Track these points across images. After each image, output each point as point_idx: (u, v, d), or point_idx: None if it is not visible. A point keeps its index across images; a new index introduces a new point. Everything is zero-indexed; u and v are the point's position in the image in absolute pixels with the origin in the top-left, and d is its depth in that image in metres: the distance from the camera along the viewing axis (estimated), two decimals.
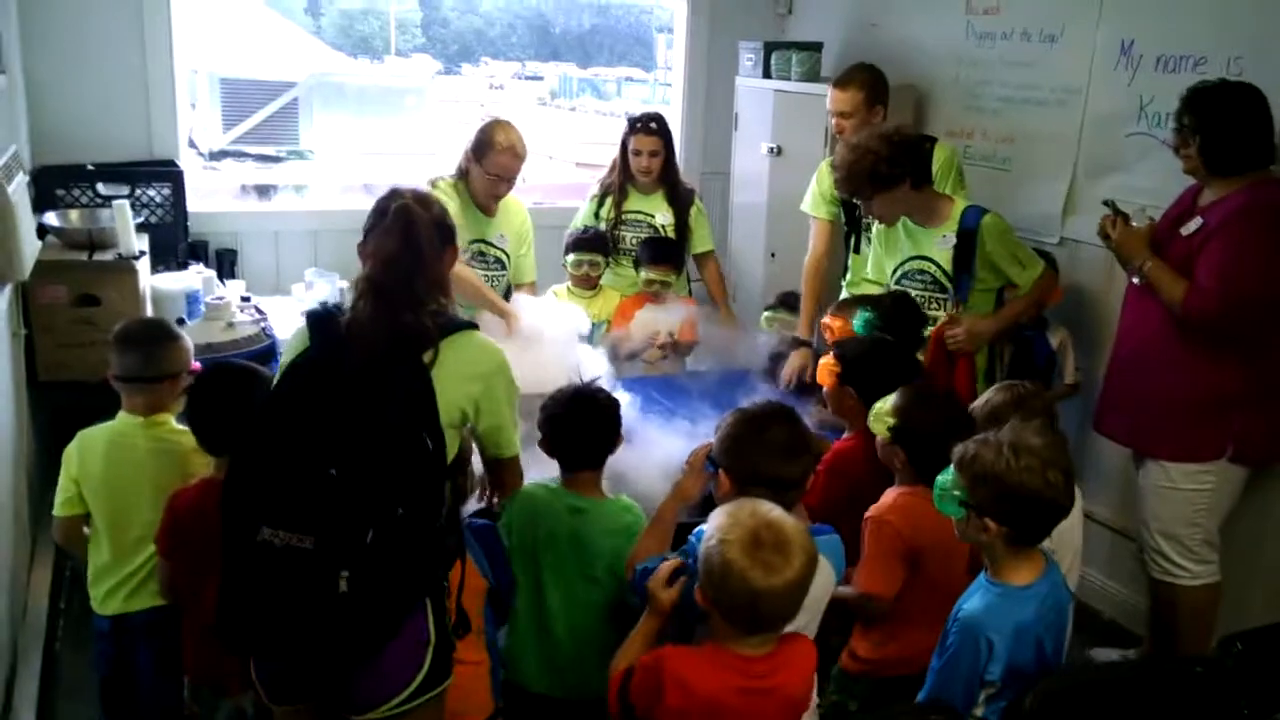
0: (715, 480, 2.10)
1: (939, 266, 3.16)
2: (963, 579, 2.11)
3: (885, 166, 3.05)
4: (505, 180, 3.41)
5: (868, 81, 3.64)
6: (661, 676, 1.74)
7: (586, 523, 2.22)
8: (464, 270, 3.27)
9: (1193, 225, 2.76)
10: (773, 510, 1.75)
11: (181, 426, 2.39)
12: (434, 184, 3.41)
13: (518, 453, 2.14)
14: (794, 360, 3.65)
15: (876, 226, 3.37)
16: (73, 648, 2.97)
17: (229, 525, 1.72)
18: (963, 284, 3.15)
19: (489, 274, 3.53)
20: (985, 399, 2.50)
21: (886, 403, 2.11)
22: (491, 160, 3.34)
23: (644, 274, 3.80)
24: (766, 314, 3.91)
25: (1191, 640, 2.97)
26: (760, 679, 1.74)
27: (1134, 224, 2.86)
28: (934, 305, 3.19)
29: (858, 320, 3.04)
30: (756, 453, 2.00)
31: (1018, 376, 3.01)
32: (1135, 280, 2.87)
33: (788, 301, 3.91)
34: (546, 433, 2.29)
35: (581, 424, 2.25)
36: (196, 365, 2.49)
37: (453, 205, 3.33)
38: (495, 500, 2.28)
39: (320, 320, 1.90)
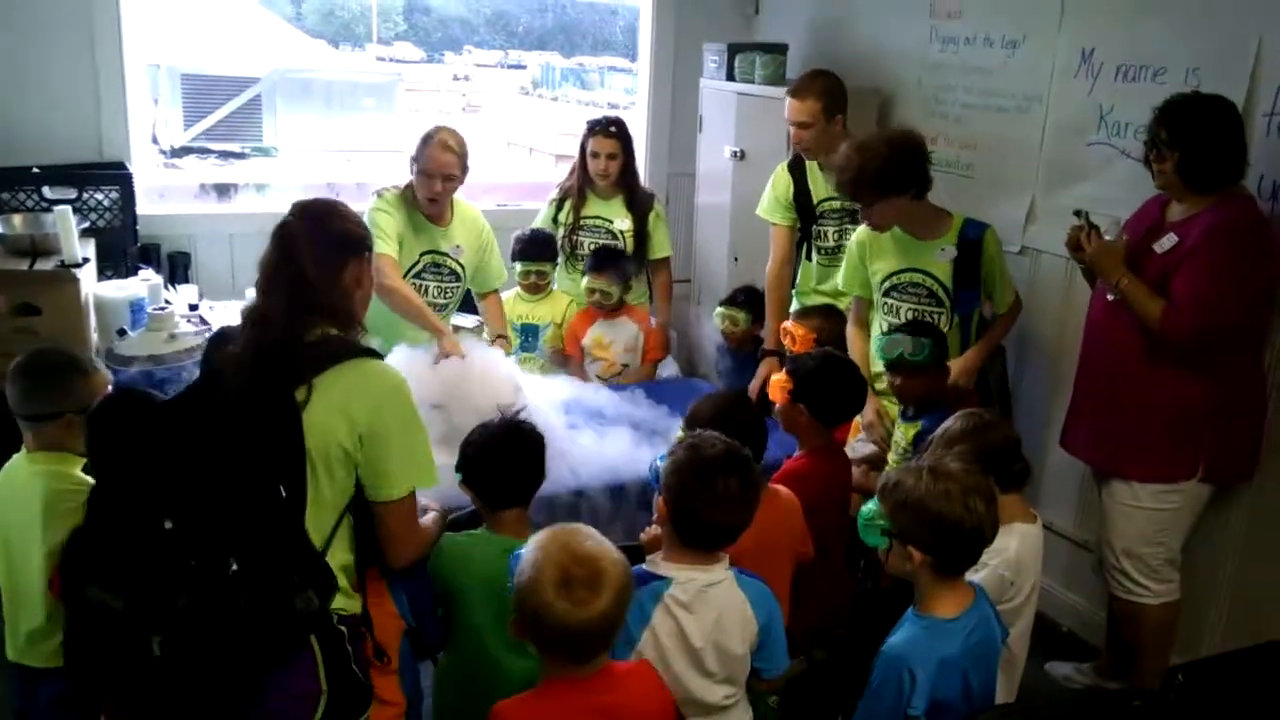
0: (655, 497, 2.05)
1: (936, 280, 3.10)
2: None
3: (891, 171, 2.99)
4: (439, 177, 3.28)
5: (825, 90, 3.57)
6: None
7: None
8: (397, 283, 3.19)
9: (1167, 242, 2.71)
10: (587, 541, 1.71)
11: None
12: (379, 194, 3.32)
13: (403, 495, 1.86)
14: (762, 370, 3.69)
15: (856, 236, 3.30)
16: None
17: (65, 577, 1.68)
18: (964, 298, 3.10)
19: (443, 285, 3.45)
20: (944, 426, 2.43)
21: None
22: (424, 154, 3.26)
23: (585, 282, 3.74)
24: (719, 310, 3.86)
25: (1151, 657, 2.95)
26: (605, 694, 1.71)
27: (1107, 237, 2.79)
28: (929, 319, 3.12)
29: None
30: (701, 501, 1.93)
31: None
32: (1110, 297, 2.81)
33: (736, 299, 3.86)
34: (469, 469, 2.17)
35: (508, 459, 2.14)
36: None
37: (396, 217, 3.27)
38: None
39: (213, 346, 1.85)
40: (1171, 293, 2.66)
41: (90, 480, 2.16)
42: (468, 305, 3.80)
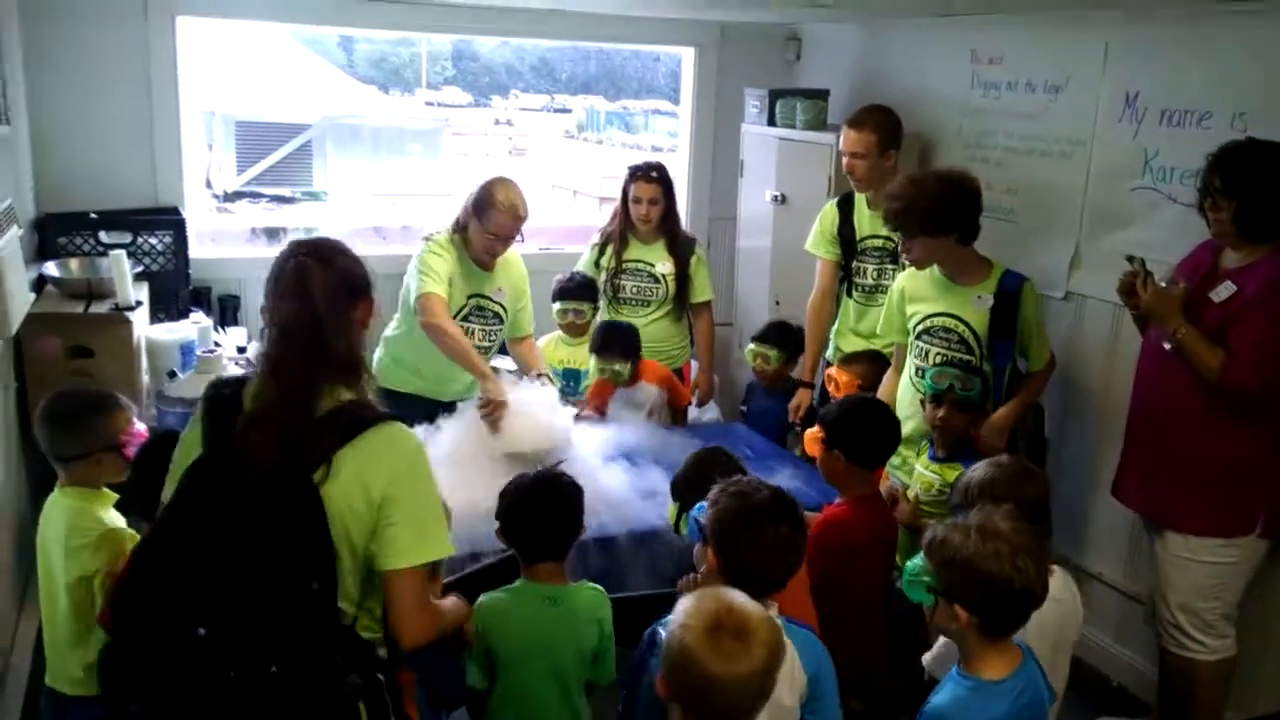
0: (699, 549, 2.04)
1: (969, 327, 3.07)
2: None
3: (943, 210, 2.98)
4: (503, 240, 3.35)
5: (882, 124, 3.60)
6: None
7: (563, 612, 2.12)
8: (448, 325, 3.22)
9: (1224, 291, 2.65)
10: (739, 598, 1.67)
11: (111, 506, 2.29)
12: (429, 239, 3.38)
13: (411, 566, 1.74)
14: (796, 398, 3.75)
15: (901, 276, 3.30)
16: None
17: (105, 693, 1.63)
18: (999, 350, 3.06)
19: (487, 329, 3.49)
20: (979, 471, 2.35)
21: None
22: (491, 219, 3.30)
23: (594, 362, 3.66)
24: (750, 347, 3.85)
25: (1205, 715, 2.88)
26: None
27: (1161, 284, 2.74)
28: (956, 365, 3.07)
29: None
30: (747, 547, 1.92)
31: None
32: (1166, 345, 2.74)
33: (768, 336, 3.84)
34: (505, 521, 2.16)
35: (543, 512, 2.13)
36: (143, 432, 2.37)
37: (449, 260, 3.31)
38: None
39: (216, 410, 1.74)
40: (1231, 343, 2.60)
41: (108, 522, 2.24)
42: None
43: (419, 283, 3.25)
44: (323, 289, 1.72)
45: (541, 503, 2.14)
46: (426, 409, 3.31)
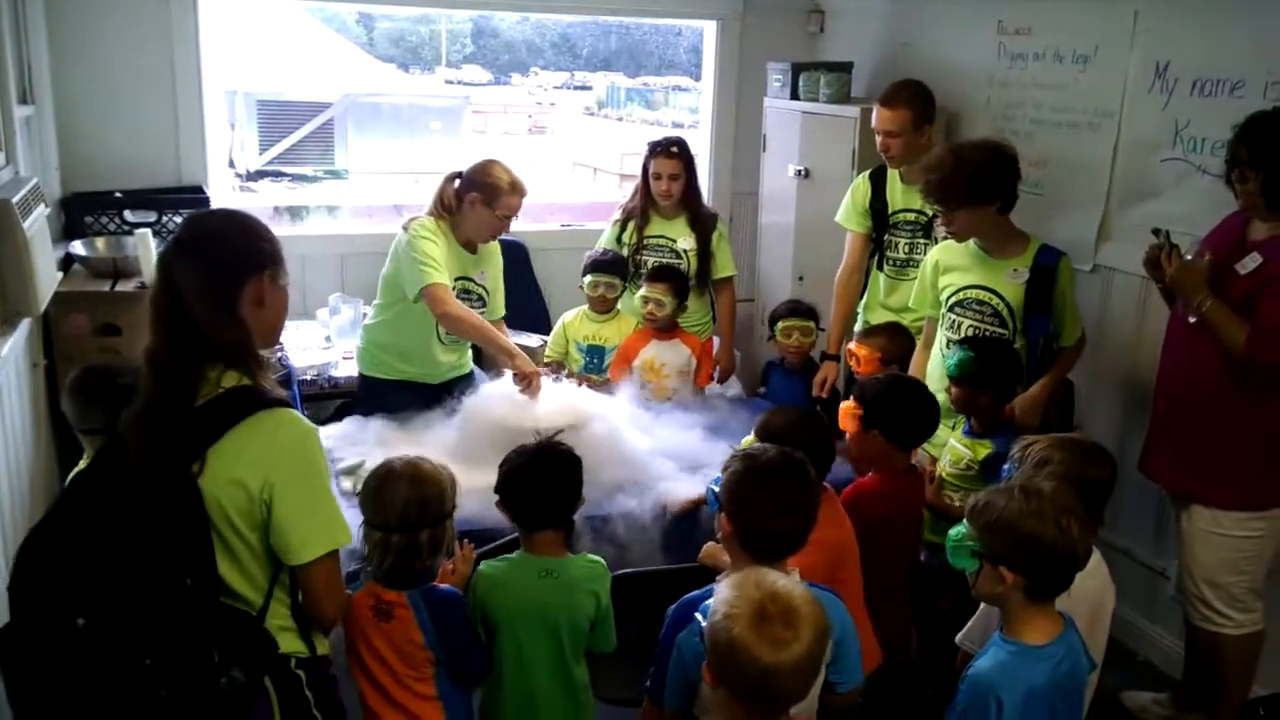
0: (717, 519, 2.04)
1: (1004, 301, 3.04)
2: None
3: (984, 179, 2.94)
4: (509, 220, 3.36)
5: (915, 100, 3.55)
6: None
7: (559, 583, 2.12)
8: (460, 311, 3.20)
9: (1250, 263, 2.62)
10: (779, 580, 1.67)
11: None
12: (413, 223, 3.30)
13: (321, 554, 1.73)
14: (821, 372, 3.73)
15: (935, 249, 3.27)
16: None
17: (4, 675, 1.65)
18: (1035, 324, 3.02)
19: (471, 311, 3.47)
20: (1041, 441, 2.30)
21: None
22: (501, 202, 3.28)
23: (641, 291, 3.68)
24: (783, 323, 3.73)
25: (1231, 689, 2.86)
26: None
27: (1187, 256, 2.71)
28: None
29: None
30: (759, 507, 1.93)
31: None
32: (1191, 319, 2.72)
33: (799, 310, 3.74)
34: (504, 490, 2.16)
35: (542, 480, 2.14)
36: None
37: (441, 245, 3.28)
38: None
39: (121, 402, 1.74)
40: (1257, 316, 2.57)
41: None
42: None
43: (420, 274, 3.17)
44: (193, 274, 1.70)
45: (540, 471, 2.15)
46: (420, 395, 3.32)
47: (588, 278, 3.79)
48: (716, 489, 2.03)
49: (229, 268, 1.75)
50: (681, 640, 1.87)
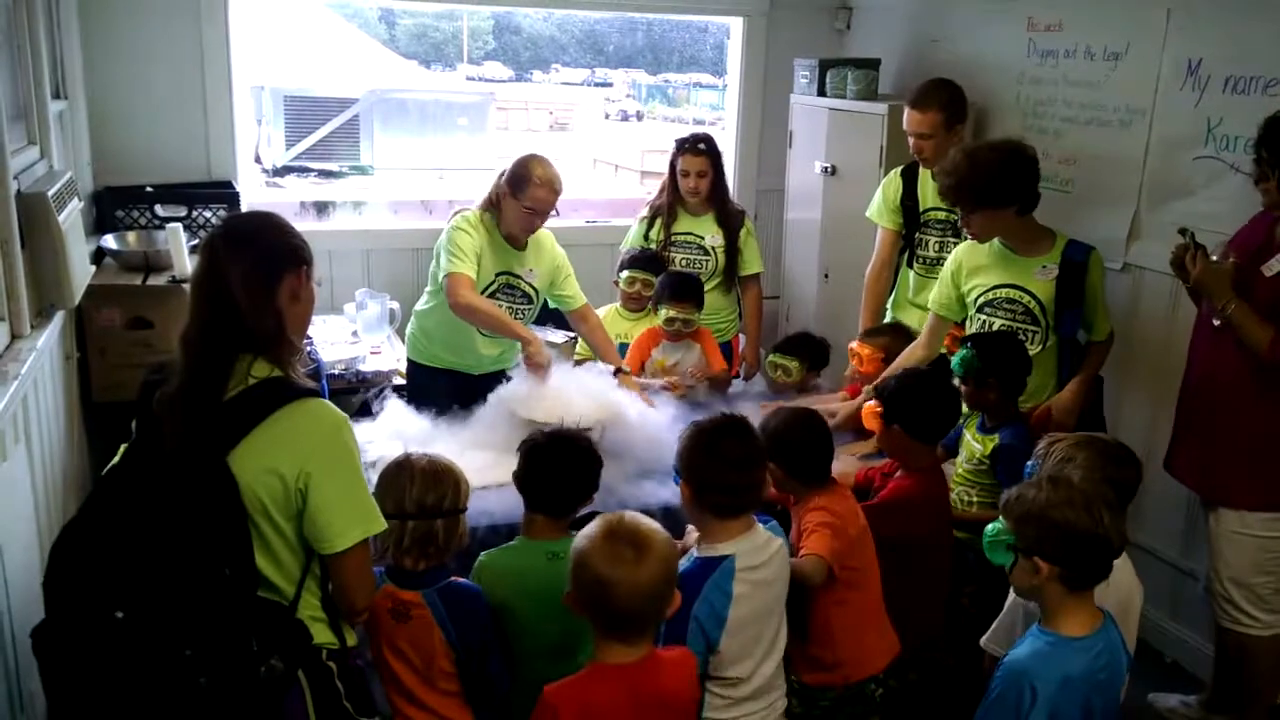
0: (681, 490, 2.14)
1: (1034, 298, 3.03)
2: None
3: (999, 182, 2.94)
4: (540, 214, 3.35)
5: (946, 101, 3.54)
6: (556, 712, 1.74)
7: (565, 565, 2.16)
8: (474, 300, 3.23)
9: (1276, 264, 2.60)
10: (639, 516, 1.83)
11: None
12: (457, 215, 3.38)
13: (349, 546, 1.76)
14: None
15: (958, 249, 3.26)
16: None
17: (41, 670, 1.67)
18: (1067, 319, 3.02)
19: (514, 307, 3.46)
20: (1067, 439, 2.29)
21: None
22: (528, 193, 3.30)
23: (664, 311, 3.61)
24: (771, 358, 3.70)
25: (1261, 691, 2.85)
26: (650, 681, 1.77)
27: (1213, 257, 2.68)
28: (1022, 337, 3.04)
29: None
30: (709, 466, 2.06)
31: None
32: (1216, 321, 2.71)
33: (789, 347, 3.68)
34: (520, 468, 2.23)
35: (561, 465, 2.21)
36: None
37: (477, 237, 3.32)
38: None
39: (146, 396, 1.75)
40: None
41: None
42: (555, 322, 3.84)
43: (446, 261, 3.27)
44: (239, 266, 1.74)
45: (562, 454, 2.23)
46: (461, 385, 3.34)
47: (624, 273, 3.79)
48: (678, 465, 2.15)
49: (273, 259, 1.81)
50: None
